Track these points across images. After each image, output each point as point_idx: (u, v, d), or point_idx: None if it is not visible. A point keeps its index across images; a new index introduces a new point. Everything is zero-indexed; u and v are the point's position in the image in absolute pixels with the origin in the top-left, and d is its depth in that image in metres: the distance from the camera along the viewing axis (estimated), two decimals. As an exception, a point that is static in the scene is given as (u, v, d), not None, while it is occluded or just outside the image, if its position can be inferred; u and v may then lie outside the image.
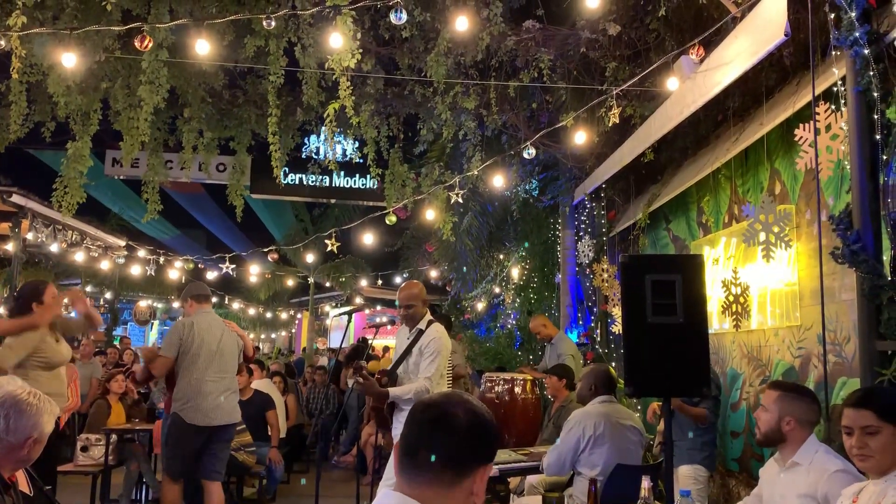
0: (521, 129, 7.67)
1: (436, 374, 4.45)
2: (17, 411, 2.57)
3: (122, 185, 14.42)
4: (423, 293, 4.77)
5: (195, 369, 5.16)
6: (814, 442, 2.89)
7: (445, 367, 4.61)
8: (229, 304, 23.74)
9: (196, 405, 5.12)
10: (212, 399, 5.18)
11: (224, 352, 5.33)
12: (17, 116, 6.30)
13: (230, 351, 5.40)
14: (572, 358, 6.82)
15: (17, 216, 9.24)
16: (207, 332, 5.27)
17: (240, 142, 8.35)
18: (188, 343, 5.17)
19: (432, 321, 4.69)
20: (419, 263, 13.62)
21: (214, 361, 5.24)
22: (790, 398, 2.94)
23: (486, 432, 1.52)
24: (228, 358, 5.38)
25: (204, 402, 5.14)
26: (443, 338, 4.57)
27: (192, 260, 11.75)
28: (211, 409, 5.17)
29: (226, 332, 5.43)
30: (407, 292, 4.69)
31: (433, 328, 4.60)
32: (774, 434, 2.93)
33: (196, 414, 5.11)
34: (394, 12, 4.52)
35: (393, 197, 8.03)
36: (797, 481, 2.82)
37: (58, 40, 5.43)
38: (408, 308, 4.64)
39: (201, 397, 5.14)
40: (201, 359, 5.19)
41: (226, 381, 5.33)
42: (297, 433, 8.98)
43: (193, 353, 5.17)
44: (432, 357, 4.46)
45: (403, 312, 4.71)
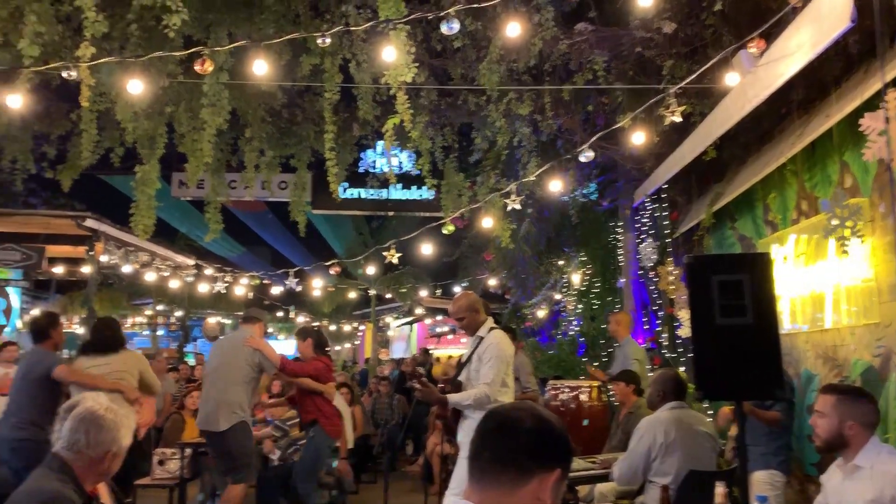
0: (577, 133, 7.61)
1: (495, 379, 4.42)
2: (95, 426, 2.66)
3: (188, 206, 14.90)
4: (473, 303, 4.76)
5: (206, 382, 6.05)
6: (876, 444, 2.79)
7: (507, 373, 4.56)
8: (294, 318, 24.16)
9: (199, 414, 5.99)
10: (203, 407, 5.95)
11: (217, 366, 6.05)
12: (88, 144, 6.56)
13: (222, 365, 6.02)
14: (638, 363, 6.69)
15: (92, 240, 9.61)
16: (215, 347, 6.31)
17: (300, 159, 8.53)
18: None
19: (494, 328, 4.68)
20: (477, 272, 13.59)
21: (209, 374, 6.07)
22: (849, 401, 2.84)
23: (550, 437, 1.52)
24: (220, 371, 6.00)
25: (201, 411, 5.98)
26: (501, 344, 4.55)
27: (258, 276, 12.02)
28: (201, 416, 5.93)
29: (228, 348, 6.15)
30: (455, 305, 4.77)
31: (492, 335, 4.60)
32: (836, 440, 2.84)
33: (199, 421, 5.98)
34: (445, 23, 4.54)
35: (449, 207, 8.05)
36: (862, 487, 2.71)
37: (124, 68, 5.64)
38: (459, 320, 4.72)
39: (202, 406, 6.00)
40: (207, 371, 6.14)
41: (210, 391, 5.95)
42: (363, 444, 9.06)
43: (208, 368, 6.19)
44: (490, 363, 4.45)
45: (458, 324, 4.83)
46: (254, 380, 6.04)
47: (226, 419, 5.76)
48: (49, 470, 2.62)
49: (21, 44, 5.17)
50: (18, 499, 2.52)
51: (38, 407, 5.16)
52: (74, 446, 2.62)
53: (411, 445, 10.66)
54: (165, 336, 22.14)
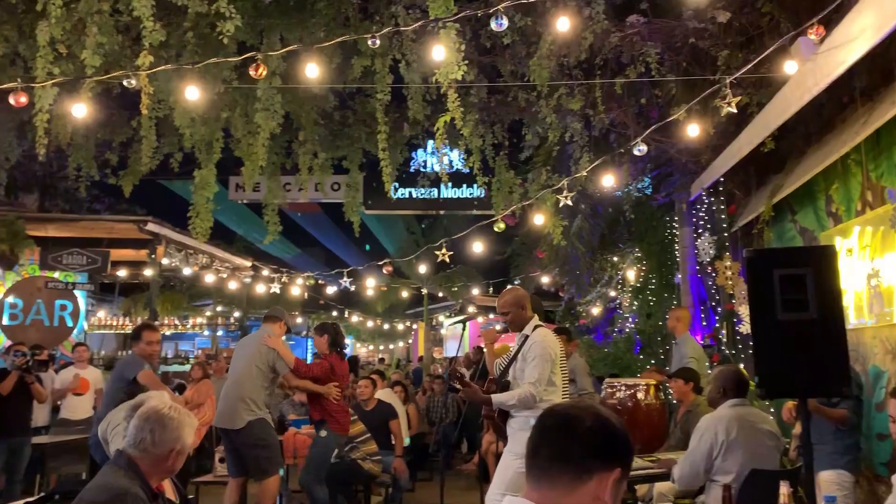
0: (630, 127, 7.49)
1: (540, 379, 4.32)
2: (160, 425, 2.73)
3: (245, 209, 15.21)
4: (520, 299, 4.67)
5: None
6: None
7: (554, 371, 4.45)
8: (349, 318, 24.44)
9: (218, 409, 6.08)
10: (224, 405, 5.98)
11: (236, 365, 6.15)
12: (147, 150, 6.75)
13: (239, 364, 6.12)
14: (696, 361, 6.55)
15: (153, 243, 9.90)
16: (238, 347, 6.37)
17: (352, 160, 8.62)
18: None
19: (539, 325, 4.60)
20: (530, 270, 13.51)
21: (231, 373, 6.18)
22: None
23: (610, 435, 1.50)
24: (237, 370, 6.10)
25: (220, 406, 6.05)
26: (545, 342, 4.44)
27: (313, 276, 12.19)
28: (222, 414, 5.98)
29: (246, 346, 6.27)
30: (502, 300, 4.70)
31: (537, 333, 4.51)
32: None
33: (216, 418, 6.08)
34: (494, 19, 4.52)
35: (500, 204, 8.03)
36: None
37: (181, 76, 5.79)
38: (505, 315, 4.62)
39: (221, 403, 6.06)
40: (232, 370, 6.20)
41: (228, 389, 6.03)
42: (419, 442, 9.11)
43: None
44: (535, 362, 4.36)
45: (503, 319, 4.72)
46: (270, 378, 6.11)
47: (241, 417, 5.84)
48: (117, 467, 2.71)
49: (84, 55, 5.35)
50: (88, 495, 2.61)
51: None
52: (140, 444, 2.71)
53: (466, 444, 10.67)
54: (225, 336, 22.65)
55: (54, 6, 5.18)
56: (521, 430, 4.36)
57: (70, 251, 9.89)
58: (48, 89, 5.39)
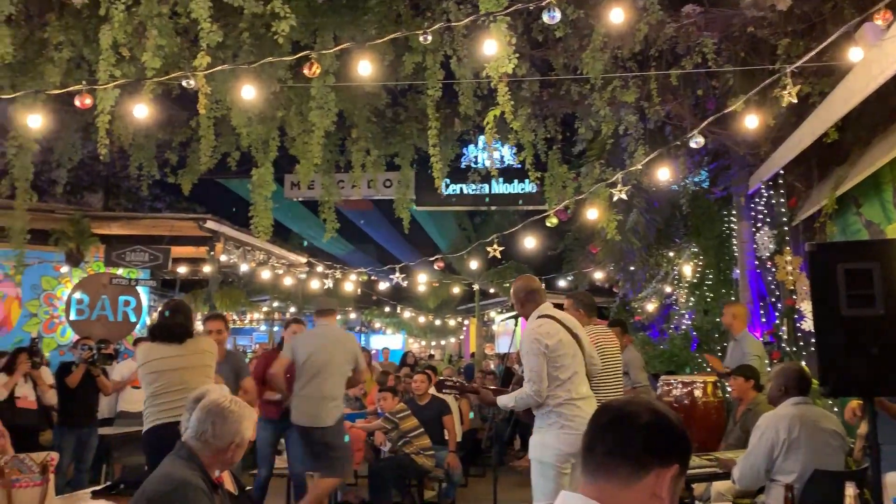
0: (687, 119, 7.35)
1: (532, 375, 4.10)
2: (221, 418, 2.80)
3: (299, 206, 15.47)
4: (517, 291, 4.51)
5: (303, 375, 5.80)
6: None
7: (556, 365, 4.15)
8: (401, 313, 24.61)
9: (300, 407, 5.78)
10: (305, 403, 5.77)
11: (326, 362, 5.85)
12: (206, 149, 6.91)
13: (331, 362, 5.87)
14: (758, 358, 6.36)
15: (212, 240, 10.14)
16: (313, 343, 5.92)
17: (403, 157, 8.67)
18: (297, 353, 5.85)
19: (542, 316, 4.34)
20: (583, 266, 13.37)
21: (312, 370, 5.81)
22: None
23: (667, 431, 1.48)
24: (327, 368, 5.84)
25: (299, 405, 5.79)
26: (532, 334, 4.18)
27: (366, 272, 12.32)
28: (301, 411, 5.78)
29: (334, 345, 5.96)
30: (511, 291, 4.59)
31: (528, 325, 4.32)
32: None
33: (297, 415, 5.79)
34: (547, 12, 4.49)
35: (553, 199, 7.96)
36: None
37: (237, 76, 5.91)
38: (512, 307, 4.54)
39: (304, 401, 5.78)
40: (305, 366, 5.81)
41: (317, 388, 5.80)
42: (471, 438, 9.13)
43: (299, 362, 5.82)
44: (525, 359, 4.20)
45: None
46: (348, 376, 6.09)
47: (332, 415, 5.81)
48: (178, 458, 2.79)
49: (144, 57, 5.51)
50: (151, 485, 2.69)
51: None
52: (202, 436, 2.78)
53: (519, 440, 10.64)
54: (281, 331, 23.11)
55: (116, 10, 5.34)
56: (536, 432, 4.25)
57: (133, 248, 10.21)
58: (110, 91, 5.56)
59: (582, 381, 4.26)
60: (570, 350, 4.25)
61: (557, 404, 4.18)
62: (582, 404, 4.18)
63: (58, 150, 8.23)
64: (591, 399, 4.26)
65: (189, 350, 4.81)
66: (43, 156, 8.04)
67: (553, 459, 4.15)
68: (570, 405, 4.16)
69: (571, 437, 4.10)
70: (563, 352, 4.21)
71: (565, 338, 4.26)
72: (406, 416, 7.05)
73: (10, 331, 11.43)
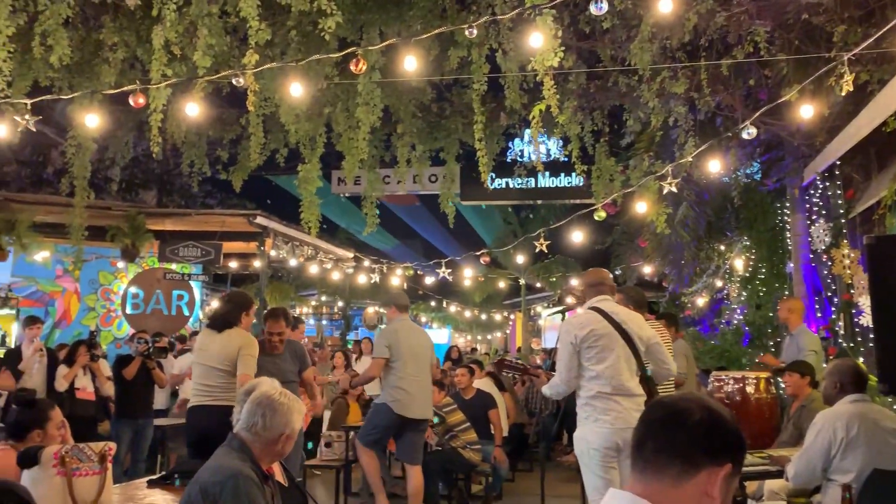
0: (738, 109, 7.19)
1: (559, 363, 4.29)
2: (271, 410, 2.85)
3: (346, 202, 15.62)
4: (586, 279, 4.62)
5: (405, 369, 5.89)
6: None
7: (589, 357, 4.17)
8: (447, 308, 24.67)
9: (403, 400, 5.85)
10: (412, 395, 5.88)
11: (420, 354, 6.04)
12: (255, 146, 7.03)
13: (425, 354, 6.11)
14: (814, 354, 6.19)
15: (262, 236, 10.32)
16: (408, 336, 6.05)
17: (448, 152, 8.67)
18: (398, 346, 5.92)
19: (591, 308, 4.37)
20: (632, 260, 13.21)
21: (413, 362, 5.96)
22: None
23: (721, 429, 1.45)
24: (423, 360, 6.06)
25: (406, 398, 5.85)
26: (563, 324, 4.40)
27: (412, 267, 12.38)
28: (411, 403, 5.88)
29: (423, 337, 6.25)
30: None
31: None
32: None
33: (402, 407, 5.84)
34: (594, 3, 4.43)
35: (601, 192, 7.87)
36: None
37: (285, 73, 5.99)
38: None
39: (408, 393, 5.86)
40: (405, 359, 5.91)
41: (420, 380, 5.98)
42: (518, 432, 9.10)
43: (400, 355, 5.91)
44: (558, 347, 4.38)
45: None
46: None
47: (430, 407, 6.17)
48: (230, 449, 2.84)
49: (195, 56, 5.62)
50: (204, 475, 2.75)
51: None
52: (252, 428, 2.83)
53: (566, 435, 10.57)
54: (329, 325, 23.39)
55: (168, 11, 5.46)
56: (577, 425, 4.28)
57: (186, 244, 10.44)
58: (162, 90, 5.69)
59: (622, 375, 4.17)
60: (608, 343, 4.19)
61: (590, 396, 4.16)
62: (620, 398, 4.12)
63: (113, 149, 8.46)
64: (632, 395, 4.17)
65: (221, 341, 5.01)
66: (99, 154, 8.28)
67: (590, 453, 4.14)
68: (603, 398, 4.13)
69: (605, 430, 4.08)
70: (597, 344, 4.18)
71: (603, 330, 4.21)
72: (452, 410, 7.06)
73: (70, 324, 11.83)
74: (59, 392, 6.97)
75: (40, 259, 10.82)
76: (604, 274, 4.65)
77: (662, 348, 4.47)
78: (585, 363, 4.17)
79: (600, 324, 4.22)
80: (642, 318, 4.55)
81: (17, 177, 13.89)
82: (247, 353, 4.96)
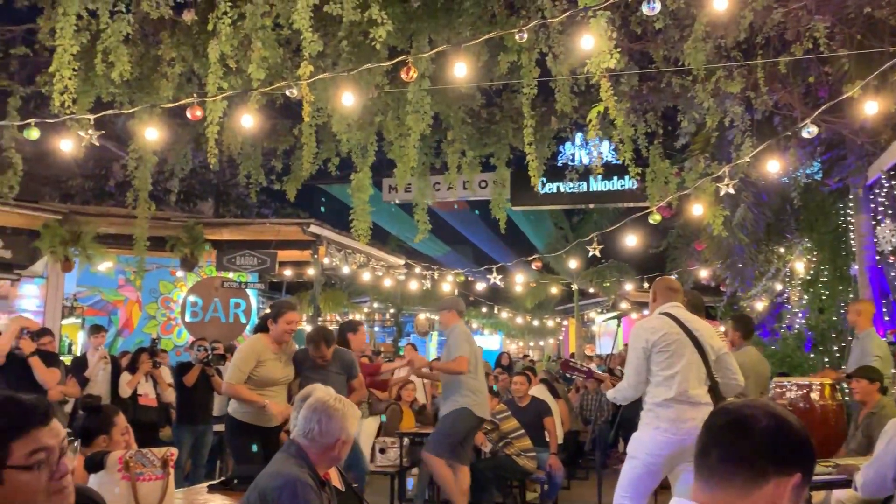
0: (797, 108, 6.99)
1: (628, 368, 4.26)
2: (326, 416, 2.87)
3: (397, 209, 15.73)
4: (655, 287, 4.55)
5: (477, 371, 6.05)
6: None
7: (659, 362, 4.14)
8: (498, 314, 24.58)
9: (481, 402, 5.98)
10: (484, 396, 6.11)
11: (481, 358, 6.36)
12: (308, 156, 7.12)
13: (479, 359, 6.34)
14: (880, 360, 5.97)
15: (315, 244, 10.46)
16: (473, 340, 6.27)
17: (499, 157, 8.64)
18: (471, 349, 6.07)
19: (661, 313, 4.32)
20: (688, 263, 12.95)
21: (479, 365, 6.23)
22: None
23: (789, 437, 1.40)
24: (482, 364, 6.38)
25: (482, 399, 6.03)
26: (634, 329, 4.38)
27: (462, 273, 12.37)
28: (484, 404, 6.08)
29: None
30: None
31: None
32: None
33: (481, 409, 5.96)
34: (646, 3, 4.37)
35: (655, 195, 7.74)
36: None
37: (337, 83, 6.06)
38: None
39: (482, 395, 6.03)
40: (476, 362, 6.10)
41: (485, 382, 6.31)
42: (572, 439, 9.00)
43: (474, 358, 6.01)
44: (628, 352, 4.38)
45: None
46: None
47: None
48: (288, 455, 2.88)
49: (250, 69, 5.73)
50: (262, 481, 2.80)
51: None
52: (309, 434, 2.86)
53: (622, 443, 10.40)
54: (381, 331, 23.56)
55: (223, 25, 5.58)
56: (638, 428, 4.21)
57: (242, 253, 10.65)
58: (218, 103, 5.82)
59: (690, 382, 4.09)
60: (679, 349, 4.13)
61: (655, 403, 4.09)
62: (685, 407, 4.03)
63: (172, 161, 8.69)
64: (699, 403, 4.07)
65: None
66: (159, 166, 8.51)
67: (642, 457, 4.08)
68: (668, 406, 4.05)
69: (665, 438, 4.00)
70: (668, 349, 4.12)
71: (675, 335, 4.15)
72: (506, 417, 7.02)
73: (132, 332, 12.17)
74: (122, 398, 7.17)
75: (103, 269, 11.16)
76: (675, 281, 4.72)
77: (732, 359, 4.38)
78: (654, 368, 4.12)
79: (672, 329, 4.17)
80: (713, 327, 4.48)
81: (82, 189, 14.38)
82: (233, 362, 5.34)
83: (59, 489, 1.61)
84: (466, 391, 5.90)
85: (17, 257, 9.74)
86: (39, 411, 1.61)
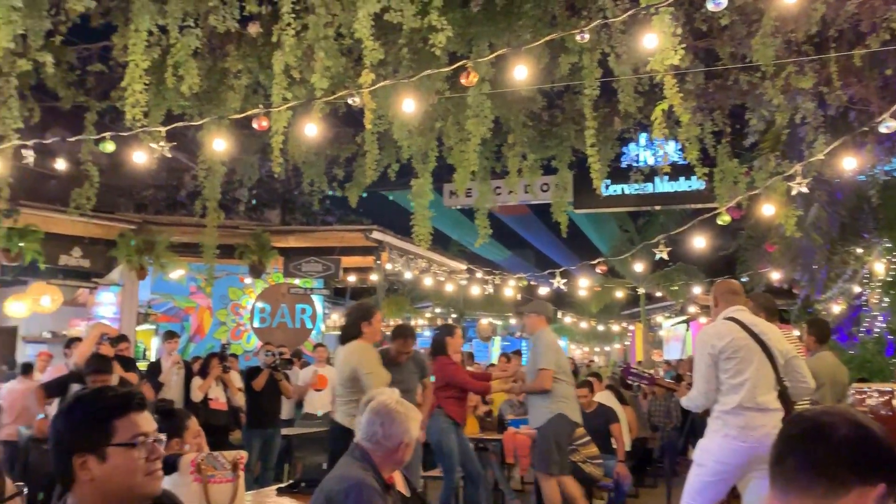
0: (874, 102, 6.69)
1: (696, 376, 4.15)
2: (389, 419, 2.89)
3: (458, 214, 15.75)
4: (717, 290, 4.42)
5: (567, 376, 6.13)
6: None
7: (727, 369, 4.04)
8: (562, 319, 24.34)
9: (573, 406, 6.07)
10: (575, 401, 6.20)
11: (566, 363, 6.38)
12: (371, 163, 7.20)
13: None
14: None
15: (378, 250, 10.57)
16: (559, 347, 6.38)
17: (560, 160, 8.55)
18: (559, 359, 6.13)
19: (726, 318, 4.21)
20: (759, 266, 12.55)
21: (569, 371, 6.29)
22: None
23: (872, 446, 1.33)
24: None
25: (575, 404, 6.12)
26: (700, 335, 4.33)
27: (525, 278, 12.28)
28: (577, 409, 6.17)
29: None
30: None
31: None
32: None
33: (575, 413, 6.06)
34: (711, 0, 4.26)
35: (724, 196, 7.51)
36: None
37: (398, 90, 6.10)
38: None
39: (573, 400, 6.13)
40: (565, 369, 6.16)
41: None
42: (640, 447, 8.82)
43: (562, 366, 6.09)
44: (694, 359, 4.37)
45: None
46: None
47: None
48: (353, 458, 2.91)
49: (313, 79, 5.83)
50: (328, 484, 2.83)
51: None
52: (372, 437, 2.88)
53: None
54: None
55: (287, 36, 5.70)
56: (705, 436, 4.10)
57: (308, 259, 10.85)
58: (283, 113, 5.94)
59: (759, 389, 3.98)
60: (747, 355, 4.01)
61: (724, 411, 3.98)
62: (755, 414, 3.91)
63: (240, 171, 8.91)
64: (769, 410, 3.95)
65: (340, 355, 5.37)
66: (227, 176, 8.75)
67: (710, 465, 3.97)
68: (737, 413, 3.94)
69: (735, 446, 3.90)
70: (736, 355, 4.01)
71: (742, 341, 4.04)
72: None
73: (203, 338, 12.54)
74: (194, 402, 7.38)
75: (176, 277, 11.53)
76: (736, 284, 4.55)
77: (801, 363, 4.22)
78: (722, 375, 4.02)
79: (739, 334, 4.06)
80: (780, 331, 4.34)
81: (154, 200, 14.91)
82: (367, 371, 5.06)
83: (154, 470, 1.77)
84: (559, 397, 5.91)
85: (94, 266, 10.17)
86: (137, 397, 1.81)
